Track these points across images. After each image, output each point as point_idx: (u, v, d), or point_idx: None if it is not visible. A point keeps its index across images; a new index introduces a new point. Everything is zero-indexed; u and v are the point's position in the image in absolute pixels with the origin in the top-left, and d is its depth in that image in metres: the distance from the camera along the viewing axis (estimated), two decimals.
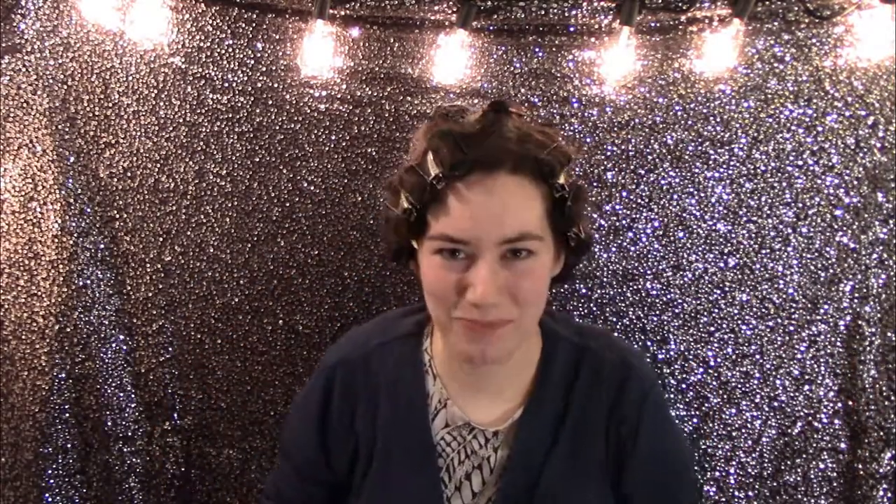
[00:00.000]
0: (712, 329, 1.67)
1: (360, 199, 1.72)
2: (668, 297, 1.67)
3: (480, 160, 0.88)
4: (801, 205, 1.62)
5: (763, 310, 1.65)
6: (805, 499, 1.65)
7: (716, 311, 1.66)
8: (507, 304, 0.91)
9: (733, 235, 1.64)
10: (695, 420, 1.68)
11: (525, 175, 0.90)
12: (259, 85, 1.71)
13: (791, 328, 1.64)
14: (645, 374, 1.10)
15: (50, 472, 1.80)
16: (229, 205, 1.75)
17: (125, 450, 1.82)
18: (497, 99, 0.99)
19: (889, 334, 1.61)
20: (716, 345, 1.67)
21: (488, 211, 0.88)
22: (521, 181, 0.90)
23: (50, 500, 1.80)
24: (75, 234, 1.77)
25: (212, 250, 1.77)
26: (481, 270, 0.89)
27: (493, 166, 0.88)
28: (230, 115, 1.73)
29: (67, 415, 1.80)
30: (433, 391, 1.05)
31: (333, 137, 1.71)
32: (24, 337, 1.79)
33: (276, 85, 1.71)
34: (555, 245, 0.96)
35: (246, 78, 1.71)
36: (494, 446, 1.03)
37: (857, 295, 1.61)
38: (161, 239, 1.77)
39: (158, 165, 1.76)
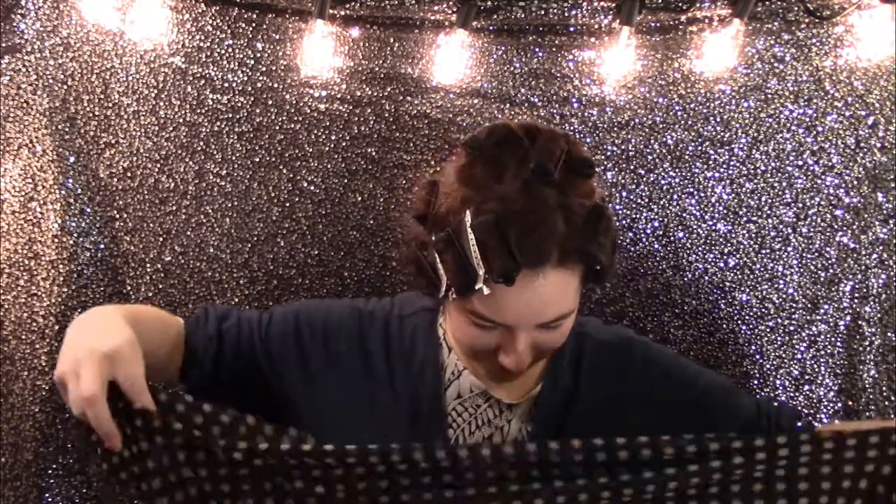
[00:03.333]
0: (712, 329, 1.67)
1: (360, 199, 1.72)
2: (668, 297, 1.67)
3: (528, 262, 0.87)
4: (801, 205, 1.62)
5: (763, 310, 1.65)
6: None
7: (716, 311, 1.66)
8: (534, 357, 0.98)
9: (733, 235, 1.64)
10: None
11: (569, 265, 0.91)
12: (259, 85, 1.71)
13: (791, 328, 1.64)
14: (639, 340, 1.17)
15: (50, 472, 1.79)
16: (229, 205, 1.75)
17: None
18: (539, 163, 0.90)
19: (889, 334, 1.61)
20: (716, 345, 1.67)
21: (529, 306, 0.90)
22: (564, 272, 0.91)
23: (50, 500, 1.80)
24: (75, 234, 1.77)
25: (212, 250, 1.77)
26: (517, 346, 0.92)
27: (540, 264, 0.88)
28: (230, 115, 1.72)
29: (67, 415, 1.79)
30: (447, 362, 1.06)
31: (333, 137, 1.71)
32: (24, 337, 1.79)
33: (276, 85, 1.71)
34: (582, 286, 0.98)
35: (246, 78, 1.71)
36: (508, 418, 1.05)
37: (857, 295, 1.61)
38: (161, 239, 1.77)
39: (158, 165, 1.76)
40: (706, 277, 1.66)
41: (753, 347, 1.66)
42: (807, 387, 1.64)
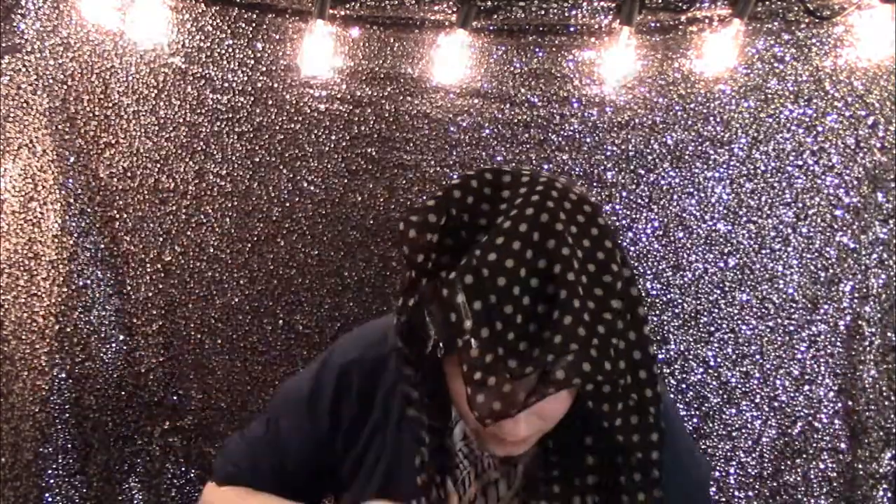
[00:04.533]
0: (712, 329, 1.67)
1: (360, 199, 1.72)
2: (668, 297, 1.67)
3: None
4: (801, 205, 1.62)
5: (763, 310, 1.65)
6: (805, 499, 1.65)
7: (716, 311, 1.66)
8: (539, 426, 0.87)
9: (733, 235, 1.64)
10: (695, 420, 1.68)
11: None
12: (259, 85, 1.71)
13: (791, 328, 1.64)
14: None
15: (50, 472, 1.79)
16: (229, 205, 1.75)
17: (125, 450, 1.82)
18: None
19: (889, 334, 1.61)
20: (716, 345, 1.67)
21: (530, 426, 0.82)
22: None
23: (50, 500, 1.80)
24: (75, 234, 1.77)
25: (212, 250, 1.77)
26: (517, 429, 0.83)
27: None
28: (230, 115, 1.72)
29: (67, 415, 1.80)
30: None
31: (333, 137, 1.71)
32: (24, 337, 1.79)
33: (276, 85, 1.71)
34: None
35: (246, 78, 1.71)
36: (515, 462, 0.98)
37: (857, 295, 1.61)
38: (161, 239, 1.77)
39: (158, 165, 1.76)
40: (706, 277, 1.66)
41: (753, 347, 1.66)
42: (807, 387, 1.64)
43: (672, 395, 1.67)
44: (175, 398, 1.81)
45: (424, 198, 0.85)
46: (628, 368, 0.82)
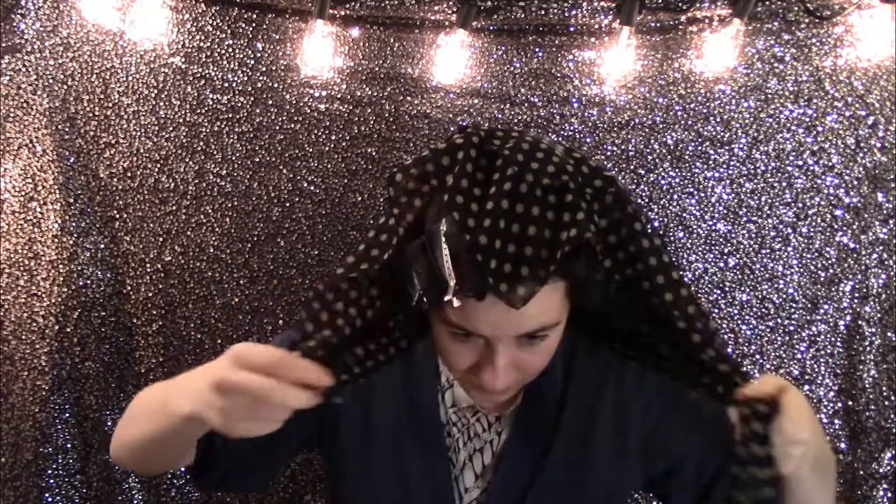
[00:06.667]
0: None
1: (360, 199, 1.72)
2: None
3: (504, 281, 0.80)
4: (801, 205, 1.62)
5: (763, 310, 1.65)
6: None
7: (716, 311, 1.66)
8: (516, 377, 0.91)
9: (733, 235, 1.64)
10: None
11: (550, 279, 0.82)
12: (259, 85, 1.71)
13: (791, 328, 1.64)
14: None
15: (50, 472, 1.80)
16: (229, 205, 1.75)
17: None
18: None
19: (889, 334, 1.61)
20: None
21: (506, 315, 0.82)
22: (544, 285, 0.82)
23: (50, 500, 1.80)
24: (75, 234, 1.77)
25: (212, 250, 1.77)
26: (496, 361, 0.87)
27: (518, 281, 0.80)
28: (230, 115, 1.73)
29: (67, 415, 1.80)
30: (442, 369, 1.05)
31: (333, 137, 1.71)
32: (24, 337, 1.79)
33: (276, 85, 1.71)
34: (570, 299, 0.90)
35: (246, 78, 1.71)
36: (497, 430, 1.04)
37: (857, 295, 1.61)
38: (161, 239, 1.77)
39: (158, 165, 1.76)
40: (706, 277, 1.66)
41: (753, 347, 1.66)
42: (807, 387, 1.64)
43: None
44: None
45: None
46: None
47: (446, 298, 0.79)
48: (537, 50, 1.65)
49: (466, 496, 1.04)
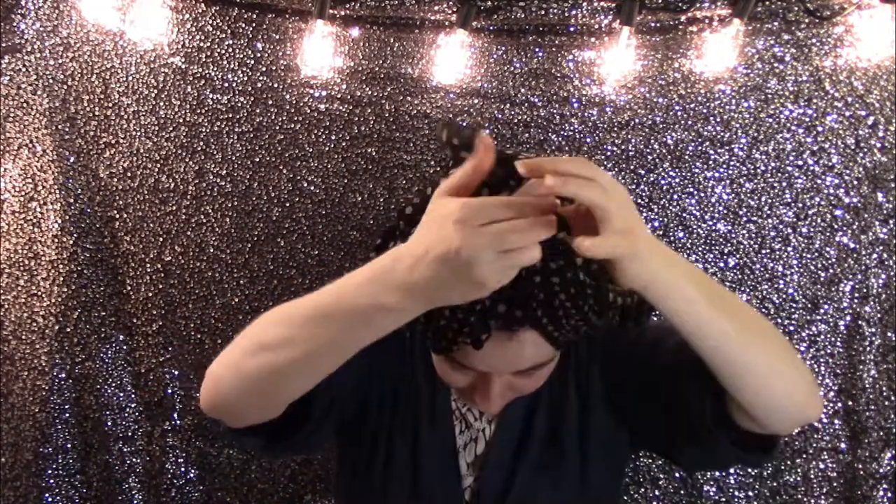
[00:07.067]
0: None
1: (360, 199, 1.72)
2: None
3: (500, 327, 0.80)
4: (801, 205, 1.62)
5: (763, 310, 1.65)
6: (805, 499, 1.65)
7: None
8: (511, 397, 0.94)
9: (733, 235, 1.64)
10: None
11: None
12: (259, 85, 1.71)
13: (791, 328, 1.64)
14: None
15: (50, 472, 1.80)
16: (229, 205, 1.75)
17: (125, 450, 1.82)
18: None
19: (889, 334, 1.61)
20: None
21: (503, 357, 0.84)
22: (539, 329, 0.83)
23: (50, 500, 1.80)
24: (75, 234, 1.77)
25: (212, 250, 1.77)
26: (491, 392, 0.89)
27: (515, 326, 0.80)
28: (230, 115, 1.73)
29: (67, 415, 1.80)
30: None
31: (333, 137, 1.71)
32: (24, 337, 1.79)
33: (276, 85, 1.71)
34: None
35: (246, 78, 1.71)
36: (488, 419, 1.05)
37: (857, 295, 1.61)
38: (161, 239, 1.77)
39: (158, 165, 1.76)
40: None
41: None
42: None
43: None
44: (175, 398, 1.81)
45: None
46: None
47: (448, 335, 0.79)
48: (537, 50, 1.65)
49: (462, 483, 1.05)
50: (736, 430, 0.84)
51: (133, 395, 1.82)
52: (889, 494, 1.62)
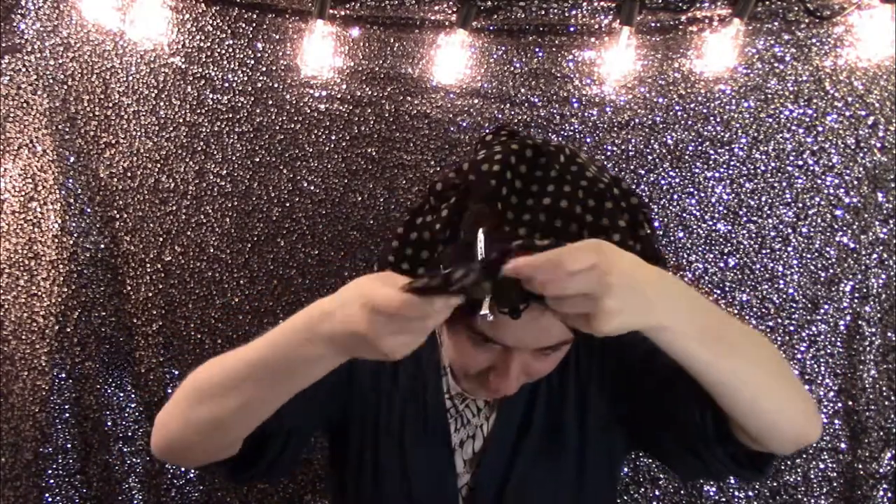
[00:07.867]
0: None
1: (360, 199, 1.72)
2: None
3: (539, 298, 0.77)
4: (801, 205, 1.62)
5: (763, 310, 1.65)
6: (805, 499, 1.65)
7: None
8: (523, 381, 0.94)
9: (733, 235, 1.64)
10: None
11: None
12: (259, 85, 1.71)
13: (791, 328, 1.64)
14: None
15: (50, 472, 1.80)
16: (229, 205, 1.75)
17: (125, 450, 1.82)
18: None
19: (889, 334, 1.61)
20: None
21: (532, 330, 0.85)
22: None
23: (50, 500, 1.80)
24: (75, 234, 1.77)
25: (212, 250, 1.77)
26: (510, 369, 0.89)
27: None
28: (230, 115, 1.73)
29: (67, 415, 1.80)
30: (442, 357, 1.07)
31: (333, 137, 1.71)
32: (24, 337, 1.79)
33: (276, 85, 1.71)
34: None
35: (246, 78, 1.71)
36: (486, 415, 1.05)
37: (857, 295, 1.61)
38: (161, 239, 1.77)
39: (158, 165, 1.76)
40: (706, 277, 1.66)
41: None
42: (807, 387, 1.64)
43: None
44: None
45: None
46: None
47: (481, 313, 0.75)
48: (537, 50, 1.65)
49: (458, 481, 1.05)
50: (734, 444, 0.85)
51: (133, 395, 1.82)
52: (889, 494, 1.62)
